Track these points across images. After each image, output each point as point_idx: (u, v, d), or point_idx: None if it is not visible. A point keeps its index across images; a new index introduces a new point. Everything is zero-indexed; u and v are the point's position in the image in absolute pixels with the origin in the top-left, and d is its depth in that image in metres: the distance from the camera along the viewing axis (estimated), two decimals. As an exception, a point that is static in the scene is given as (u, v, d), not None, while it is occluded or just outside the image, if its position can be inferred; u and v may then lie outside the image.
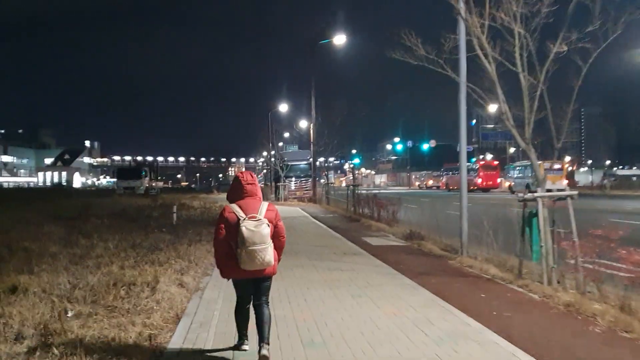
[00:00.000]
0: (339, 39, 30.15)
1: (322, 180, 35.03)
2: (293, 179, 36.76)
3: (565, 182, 48.29)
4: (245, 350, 4.94)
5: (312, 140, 30.73)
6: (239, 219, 4.55)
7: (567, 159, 53.46)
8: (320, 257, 10.53)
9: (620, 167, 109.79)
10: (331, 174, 48.78)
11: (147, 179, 51.07)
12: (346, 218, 20.33)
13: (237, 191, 4.80)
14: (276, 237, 4.77)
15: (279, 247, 4.85)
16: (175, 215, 17.62)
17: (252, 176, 4.99)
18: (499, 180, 56.32)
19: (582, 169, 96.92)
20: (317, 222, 18.89)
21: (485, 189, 54.18)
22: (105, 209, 23.46)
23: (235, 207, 4.69)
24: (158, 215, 19.97)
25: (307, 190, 36.39)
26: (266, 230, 4.54)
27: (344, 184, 53.53)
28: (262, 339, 4.61)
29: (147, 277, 7.79)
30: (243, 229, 4.47)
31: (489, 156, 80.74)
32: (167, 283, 7.60)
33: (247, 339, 5.01)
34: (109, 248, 11.27)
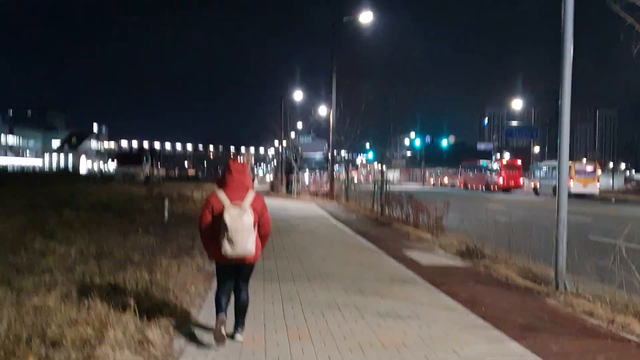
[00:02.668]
0: (366, 17, 26.82)
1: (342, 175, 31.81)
2: (307, 171, 33.53)
3: (598, 185, 44.89)
4: (222, 335, 4.67)
5: (331, 128, 27.45)
6: (223, 206, 4.64)
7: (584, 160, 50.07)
8: (360, 286, 7.31)
9: (634, 170, 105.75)
10: (342, 168, 45.65)
11: (149, 166, 48.02)
12: (373, 220, 17.10)
13: (225, 179, 4.86)
14: (261, 226, 4.90)
15: (263, 236, 4.97)
16: (166, 210, 14.47)
17: (242, 165, 5.03)
18: (521, 180, 52.95)
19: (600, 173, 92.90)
20: (340, 224, 15.67)
21: (507, 189, 50.98)
22: (92, 197, 20.41)
23: (221, 194, 4.78)
24: (150, 209, 16.85)
25: (322, 184, 33.20)
26: (249, 219, 4.63)
27: (356, 179, 50.52)
28: (238, 324, 4.99)
29: (87, 329, 4.64)
30: (226, 216, 4.56)
31: (506, 155, 77.36)
32: (117, 342, 4.46)
33: (226, 318, 4.82)
34: (70, 256, 8.24)
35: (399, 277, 8.11)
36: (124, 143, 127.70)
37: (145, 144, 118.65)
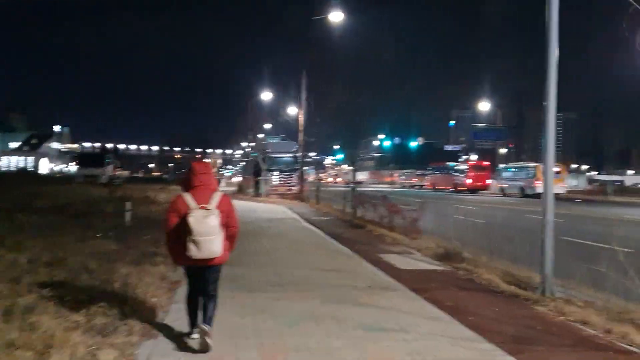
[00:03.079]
0: (336, 16, 26.36)
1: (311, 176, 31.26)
2: (276, 172, 32.85)
3: (563, 185, 45.40)
4: (195, 338, 4.74)
5: (300, 129, 26.88)
6: (189, 208, 4.59)
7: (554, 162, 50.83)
8: (338, 295, 6.77)
9: (596, 172, 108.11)
10: (312, 169, 45.16)
11: (112, 167, 46.61)
12: (346, 223, 16.61)
13: (190, 181, 4.80)
14: (229, 227, 4.82)
15: (231, 237, 4.89)
16: (129, 213, 13.74)
17: (206, 166, 5.00)
18: (488, 181, 53.33)
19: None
20: (312, 227, 15.12)
21: (474, 191, 51.26)
22: (51, 199, 19.41)
23: (187, 196, 4.71)
24: (112, 211, 16.02)
25: (291, 186, 32.56)
26: (214, 221, 4.58)
27: (330, 179, 50.09)
28: (204, 318, 4.75)
29: (26, 354, 4.00)
30: (191, 218, 4.50)
31: (473, 157, 77.96)
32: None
33: (197, 328, 4.76)
34: (18, 264, 7.52)
35: (378, 283, 7.61)
36: (87, 144, 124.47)
37: (110, 146, 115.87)
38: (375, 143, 72.77)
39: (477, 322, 5.74)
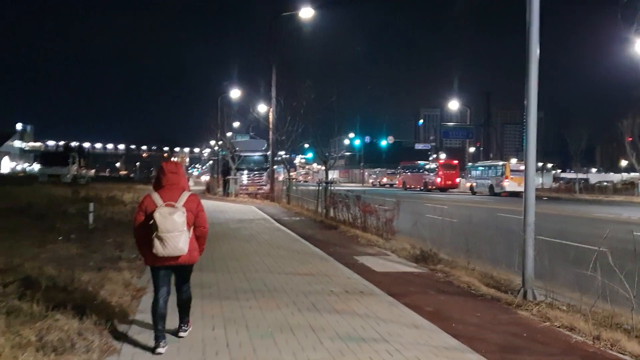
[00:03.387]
0: (306, 12, 26.02)
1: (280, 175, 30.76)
2: (245, 172, 32.29)
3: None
4: (160, 354, 4.51)
5: (270, 127, 26.41)
6: (156, 206, 4.59)
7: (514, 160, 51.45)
8: (313, 301, 6.43)
9: (560, 170, 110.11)
10: (281, 168, 44.86)
11: (76, 166, 45.32)
12: (318, 223, 16.29)
13: (160, 180, 4.80)
14: (197, 226, 4.84)
15: (200, 236, 4.90)
16: (92, 215, 13.17)
17: (176, 165, 4.96)
18: (458, 180, 53.72)
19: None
20: (284, 229, 14.74)
21: (444, 189, 51.61)
22: (11, 200, 18.61)
23: (155, 194, 4.71)
24: (75, 213, 15.39)
25: (261, 185, 32.05)
26: (180, 218, 4.54)
27: (300, 178, 49.72)
28: (181, 320, 4.97)
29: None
30: (157, 214, 4.49)
31: (442, 155, 78.50)
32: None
33: (163, 340, 4.62)
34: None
35: (354, 287, 7.30)
36: (51, 143, 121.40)
37: (74, 144, 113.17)
38: (346, 142, 72.63)
39: (461, 330, 5.47)
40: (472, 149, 66.01)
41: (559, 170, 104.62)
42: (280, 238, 12.63)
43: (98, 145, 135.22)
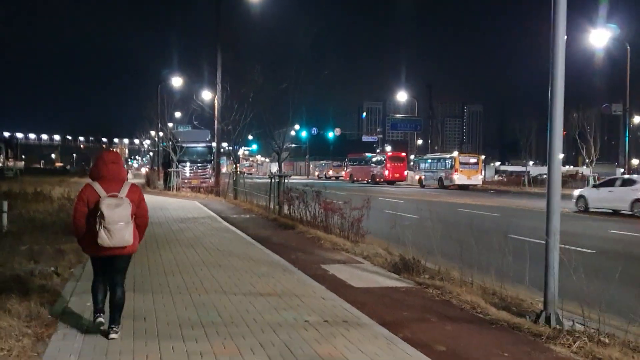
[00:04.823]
0: (253, -7, 24.12)
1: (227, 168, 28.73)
2: (188, 164, 30.10)
3: (480, 177, 45.68)
4: (101, 322, 4.77)
5: (215, 115, 24.36)
6: (99, 197, 4.57)
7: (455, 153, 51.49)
8: (285, 340, 4.75)
9: (499, 163, 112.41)
10: (223, 160, 42.87)
11: (2, 157, 41.72)
12: (271, 222, 14.58)
13: (99, 170, 4.75)
14: (139, 217, 4.86)
15: (140, 226, 4.91)
16: (5, 215, 11.05)
17: (116, 156, 4.95)
18: (406, 172, 53.08)
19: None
20: (234, 229, 12.94)
21: (392, 182, 50.91)
22: None
23: (96, 185, 4.68)
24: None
25: (205, 178, 29.95)
26: (126, 210, 4.57)
27: (245, 171, 47.66)
28: (113, 321, 4.72)
29: None
30: (103, 206, 4.48)
31: (387, 148, 78.12)
32: None
33: (103, 313, 4.85)
34: None
35: (334, 314, 5.68)
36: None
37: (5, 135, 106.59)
38: (292, 133, 70.99)
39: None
40: (420, 141, 65.66)
41: (497, 163, 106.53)
42: (231, 242, 10.87)
43: (32, 136, 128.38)
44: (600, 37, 30.00)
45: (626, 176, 24.16)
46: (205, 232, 12.19)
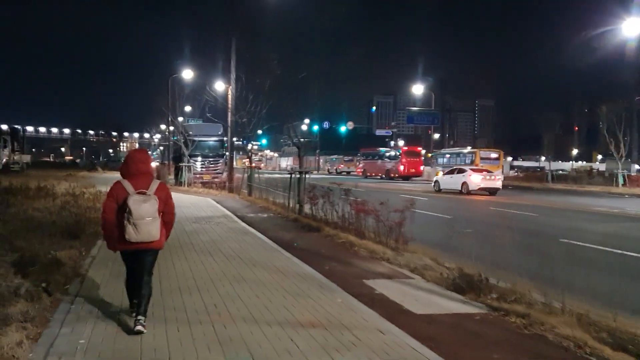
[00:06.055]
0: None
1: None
2: (199, 158, 28.79)
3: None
4: (140, 330, 4.67)
5: (229, 107, 23.00)
6: (128, 194, 4.71)
7: (469, 148, 50.09)
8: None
9: (511, 158, 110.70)
10: (238, 155, 41.52)
11: (8, 150, 40.59)
12: (292, 222, 13.21)
13: (129, 168, 4.90)
14: (166, 213, 4.99)
15: (168, 223, 5.04)
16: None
17: (144, 154, 5.13)
18: (422, 168, 51.49)
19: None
20: (253, 231, 11.57)
21: (407, 177, 49.31)
22: None
23: (125, 182, 4.83)
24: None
25: (217, 173, 28.64)
26: (153, 206, 4.73)
27: (253, 165, 46.39)
28: (139, 312, 4.76)
29: None
30: (130, 202, 4.64)
31: (400, 142, 76.47)
32: None
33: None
34: None
35: (401, 357, 4.31)
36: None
37: (5, 127, 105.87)
38: (303, 127, 69.56)
39: None
40: (437, 136, 63.99)
41: (509, 158, 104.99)
42: (252, 247, 9.52)
43: (42, 129, 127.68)
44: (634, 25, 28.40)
45: (460, 166, 31.11)
46: (222, 235, 10.85)
